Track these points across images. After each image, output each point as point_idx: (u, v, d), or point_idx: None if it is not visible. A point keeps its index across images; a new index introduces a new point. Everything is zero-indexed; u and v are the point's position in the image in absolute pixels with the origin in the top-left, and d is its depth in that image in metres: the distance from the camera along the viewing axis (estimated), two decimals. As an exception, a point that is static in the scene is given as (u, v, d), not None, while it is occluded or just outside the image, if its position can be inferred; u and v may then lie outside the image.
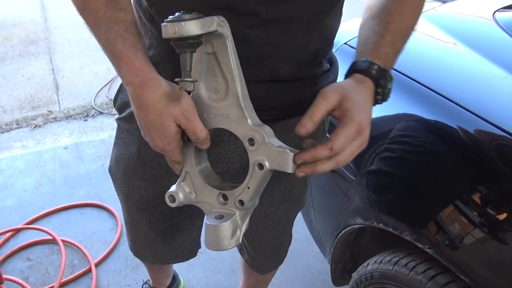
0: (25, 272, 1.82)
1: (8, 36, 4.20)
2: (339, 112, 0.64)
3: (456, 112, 0.95)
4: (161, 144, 0.64)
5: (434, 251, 0.91)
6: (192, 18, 0.56)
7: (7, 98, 3.18)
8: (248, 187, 0.65)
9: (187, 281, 1.78)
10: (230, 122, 0.64)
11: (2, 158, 2.51)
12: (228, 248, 0.66)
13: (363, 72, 0.68)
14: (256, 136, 0.63)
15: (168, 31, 0.56)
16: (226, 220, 0.66)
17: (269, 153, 0.62)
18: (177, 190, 0.71)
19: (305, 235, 1.67)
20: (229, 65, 0.61)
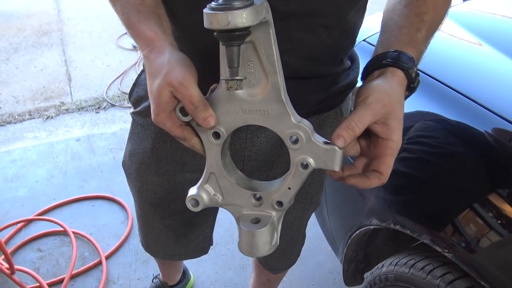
0: (36, 263, 1.83)
1: (22, 26, 4.22)
2: (383, 130, 0.58)
3: (478, 113, 0.92)
4: (153, 115, 0.58)
5: (453, 255, 0.89)
6: (244, 6, 0.47)
7: (20, 89, 3.19)
8: (289, 188, 0.60)
9: (197, 277, 1.77)
10: (269, 119, 0.57)
11: (14, 149, 2.52)
12: (264, 255, 0.62)
13: (405, 71, 0.62)
14: (301, 134, 0.56)
15: (219, 21, 0.47)
16: (264, 225, 0.61)
17: (315, 151, 0.57)
18: (199, 193, 0.64)
19: (316, 233, 1.65)
20: (271, 55, 0.54)
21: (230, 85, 0.53)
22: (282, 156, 0.88)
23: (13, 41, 3.92)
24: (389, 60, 0.62)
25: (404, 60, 0.62)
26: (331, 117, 0.87)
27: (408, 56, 0.62)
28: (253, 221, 0.62)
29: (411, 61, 0.62)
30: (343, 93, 0.85)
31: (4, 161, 2.42)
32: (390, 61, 0.62)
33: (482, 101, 0.94)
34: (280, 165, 0.89)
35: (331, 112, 0.87)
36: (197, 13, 0.69)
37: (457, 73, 1.08)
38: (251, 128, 0.83)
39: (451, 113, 0.97)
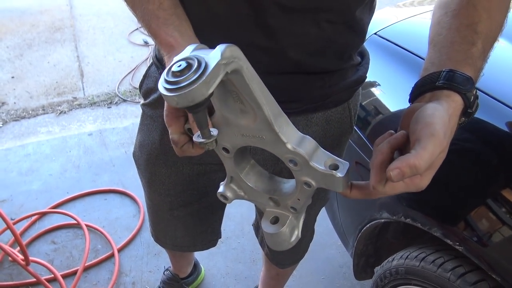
0: (50, 255, 1.86)
1: (35, 23, 4.26)
2: None
3: (492, 107, 0.91)
4: (164, 113, 0.59)
5: (464, 248, 0.88)
6: (191, 82, 0.44)
7: (33, 84, 3.24)
8: (298, 199, 0.61)
9: (207, 270, 1.79)
10: (266, 144, 0.57)
11: (28, 143, 2.56)
12: (289, 247, 0.65)
13: (462, 94, 0.54)
14: (297, 159, 0.55)
15: (169, 102, 0.46)
16: (282, 225, 0.63)
17: (314, 175, 0.56)
18: (224, 191, 0.67)
19: (326, 227, 1.66)
20: (250, 94, 0.50)
21: (202, 146, 0.56)
22: None
23: (26, 37, 3.97)
24: (442, 82, 0.55)
25: (460, 82, 0.54)
26: (339, 112, 0.86)
27: (466, 77, 0.55)
28: (272, 221, 0.64)
29: (469, 82, 0.54)
30: (351, 88, 0.84)
31: (18, 155, 2.46)
32: (444, 83, 0.55)
33: (496, 94, 0.93)
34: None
35: (339, 108, 0.85)
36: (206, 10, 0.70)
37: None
38: None
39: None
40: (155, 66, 0.88)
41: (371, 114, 1.21)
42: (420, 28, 1.32)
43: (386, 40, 1.25)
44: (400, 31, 1.29)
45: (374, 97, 1.22)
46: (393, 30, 1.28)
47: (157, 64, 0.86)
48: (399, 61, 1.19)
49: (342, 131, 0.89)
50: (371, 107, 1.21)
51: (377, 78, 1.22)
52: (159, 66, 0.85)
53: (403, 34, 1.27)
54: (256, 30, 0.68)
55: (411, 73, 1.14)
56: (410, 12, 1.45)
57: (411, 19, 1.37)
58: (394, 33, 1.26)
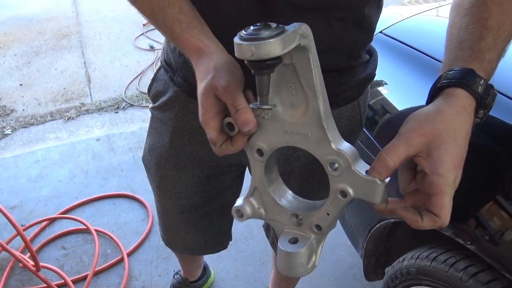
0: (60, 260, 1.87)
1: (42, 30, 4.31)
2: (427, 163, 0.51)
3: (503, 104, 0.90)
4: (200, 115, 0.57)
5: (476, 247, 0.87)
6: (271, 36, 0.46)
7: (41, 91, 3.26)
8: (328, 214, 0.57)
9: (217, 273, 1.79)
10: (309, 142, 0.55)
11: (37, 149, 2.58)
12: (303, 275, 0.60)
13: (465, 87, 0.54)
14: (340, 161, 0.54)
15: (243, 52, 0.47)
16: (302, 246, 0.58)
17: (354, 181, 0.54)
18: (243, 205, 0.63)
19: (335, 228, 1.63)
20: (310, 80, 0.51)
21: (257, 113, 0.54)
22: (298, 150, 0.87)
23: (34, 44, 4.01)
24: (444, 82, 0.56)
25: (461, 76, 0.55)
26: (349, 110, 0.86)
27: (467, 69, 0.55)
28: (291, 241, 0.60)
29: (471, 74, 0.55)
30: (361, 86, 0.85)
31: (27, 161, 2.48)
32: (445, 82, 0.56)
33: (506, 91, 0.92)
34: (298, 158, 0.89)
35: (349, 106, 0.86)
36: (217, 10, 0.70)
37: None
38: None
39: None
40: (164, 70, 0.88)
41: (378, 114, 1.20)
42: (426, 26, 1.31)
43: (392, 38, 1.24)
44: (406, 29, 1.28)
45: (381, 96, 1.21)
46: (398, 28, 1.28)
47: (166, 68, 0.86)
48: (405, 59, 1.18)
49: (353, 128, 0.89)
50: (378, 106, 1.20)
51: (384, 77, 1.21)
52: (167, 69, 0.86)
53: (409, 32, 1.26)
54: None
55: (417, 71, 1.13)
56: (415, 9, 1.44)
57: (416, 16, 1.36)
58: (400, 31, 1.25)
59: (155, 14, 0.64)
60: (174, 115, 0.87)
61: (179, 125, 0.87)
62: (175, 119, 0.87)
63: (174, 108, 0.86)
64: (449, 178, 0.50)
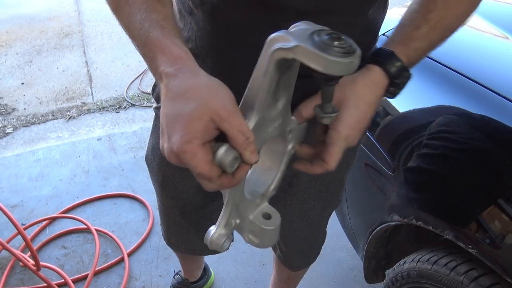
0: (60, 260, 1.87)
1: (44, 29, 4.31)
2: None
3: (503, 107, 0.90)
4: (181, 142, 0.47)
5: (477, 251, 0.87)
6: (353, 51, 0.49)
7: (43, 90, 3.26)
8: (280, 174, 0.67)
9: (217, 273, 1.79)
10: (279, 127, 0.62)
11: (38, 149, 2.58)
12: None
13: (382, 65, 0.64)
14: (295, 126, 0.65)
15: (340, 69, 0.47)
16: (277, 217, 0.65)
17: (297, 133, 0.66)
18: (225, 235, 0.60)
19: (336, 230, 1.64)
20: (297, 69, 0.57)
21: (324, 121, 0.59)
22: None
23: (35, 43, 4.01)
24: (370, 58, 0.66)
25: (381, 55, 0.64)
26: None
27: (388, 51, 0.64)
28: (266, 216, 0.65)
29: (389, 55, 0.63)
30: None
31: (28, 160, 2.48)
32: (369, 58, 0.65)
33: (507, 94, 0.92)
34: None
35: None
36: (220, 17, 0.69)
37: (481, 66, 1.06)
38: None
39: (475, 106, 0.95)
40: None
41: (379, 115, 1.20)
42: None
43: (394, 41, 1.24)
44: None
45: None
46: (401, 31, 1.27)
47: None
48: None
49: None
50: (379, 108, 1.20)
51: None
52: None
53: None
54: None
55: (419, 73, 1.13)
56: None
57: (419, 19, 1.35)
58: (402, 34, 1.25)
59: (133, 15, 0.59)
60: None
61: None
62: None
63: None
64: (342, 133, 0.62)
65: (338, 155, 0.63)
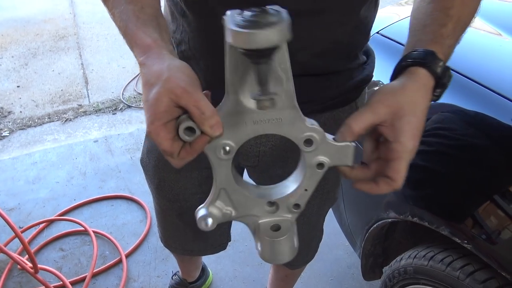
0: (58, 262, 1.87)
1: (39, 32, 4.30)
2: (390, 132, 0.56)
3: (497, 103, 0.91)
4: (147, 124, 0.52)
5: (473, 246, 0.88)
6: (267, 24, 0.45)
7: (39, 93, 3.26)
8: (306, 189, 0.60)
9: (215, 273, 1.79)
10: (282, 126, 0.56)
11: (35, 151, 2.58)
12: (290, 259, 0.61)
13: (427, 66, 0.58)
14: (314, 135, 0.56)
15: (243, 41, 0.45)
16: (286, 231, 0.59)
17: (329, 150, 0.57)
18: (208, 213, 0.60)
19: (333, 228, 1.65)
20: (285, 63, 0.52)
21: (264, 104, 0.51)
22: (296, 150, 0.88)
23: (31, 46, 4.00)
24: (408, 61, 0.60)
25: (423, 57, 0.59)
26: (346, 111, 0.86)
27: (429, 51, 0.59)
28: (273, 228, 0.60)
29: (432, 55, 0.59)
30: (358, 88, 0.85)
31: (25, 163, 2.47)
32: (409, 61, 0.60)
33: (501, 90, 0.92)
34: (295, 160, 0.89)
35: (347, 107, 0.86)
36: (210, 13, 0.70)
37: (475, 63, 1.07)
38: None
39: (470, 103, 0.96)
40: None
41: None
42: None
43: (389, 39, 1.24)
44: (403, 29, 1.29)
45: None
46: (395, 29, 1.28)
47: None
48: (402, 59, 1.19)
49: None
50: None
51: (381, 77, 1.22)
52: None
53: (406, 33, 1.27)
54: None
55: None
56: (412, 10, 1.44)
57: (413, 17, 1.36)
58: (397, 32, 1.26)
59: (115, 7, 0.62)
60: None
61: None
62: None
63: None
64: (408, 145, 0.55)
65: (405, 170, 0.56)
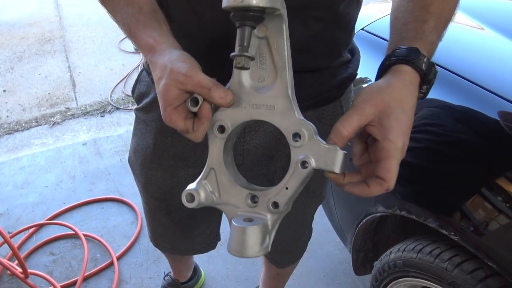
0: (49, 267, 1.85)
1: (25, 35, 4.25)
2: (378, 131, 0.55)
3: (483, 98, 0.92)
4: (162, 113, 0.58)
5: (460, 238, 0.89)
6: None
7: (25, 97, 3.22)
8: (287, 188, 0.58)
9: (207, 273, 1.79)
10: (274, 114, 0.57)
11: (23, 156, 2.55)
12: (254, 256, 0.57)
13: (411, 63, 0.58)
14: (303, 131, 0.56)
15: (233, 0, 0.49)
16: (257, 223, 0.57)
17: (316, 150, 0.56)
18: (197, 188, 0.62)
19: (324, 225, 1.66)
20: (283, 51, 0.55)
21: (238, 61, 0.53)
22: (281, 149, 0.88)
23: (16, 50, 3.96)
24: (392, 59, 0.60)
25: (406, 54, 0.59)
26: (330, 110, 0.86)
27: (412, 48, 0.60)
28: (246, 220, 0.59)
29: (416, 52, 0.59)
30: (342, 86, 0.85)
31: (13, 168, 2.45)
32: (393, 60, 0.60)
33: (486, 85, 0.94)
34: (280, 159, 0.90)
35: (330, 105, 0.86)
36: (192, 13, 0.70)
37: (459, 58, 1.08)
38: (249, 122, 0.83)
39: (456, 98, 0.97)
40: (146, 72, 0.88)
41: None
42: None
43: (374, 35, 1.25)
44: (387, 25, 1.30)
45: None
46: (380, 25, 1.29)
47: (148, 70, 0.86)
48: (387, 55, 1.20)
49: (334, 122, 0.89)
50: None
51: (367, 73, 1.23)
52: (149, 72, 0.86)
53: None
54: None
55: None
56: (396, 6, 1.46)
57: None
58: (382, 28, 1.27)
59: (116, 12, 0.66)
60: (157, 117, 0.86)
61: (162, 126, 0.87)
62: (158, 120, 0.87)
63: (157, 109, 0.85)
64: (398, 143, 0.54)
65: (396, 169, 0.54)
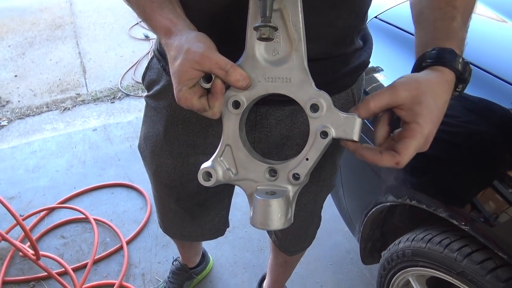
0: (60, 249, 1.88)
1: (36, 21, 4.27)
2: (408, 114, 0.57)
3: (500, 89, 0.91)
4: (176, 93, 0.58)
5: (471, 228, 0.89)
6: None
7: (36, 82, 3.25)
8: (307, 159, 0.59)
9: (215, 259, 1.81)
10: (291, 86, 0.58)
11: (34, 140, 2.58)
12: (279, 228, 0.58)
13: (447, 64, 0.59)
14: (321, 101, 0.57)
15: None
16: (281, 196, 0.58)
17: (334, 120, 0.57)
18: (213, 165, 0.61)
19: (332, 214, 1.66)
20: (297, 23, 0.56)
21: (263, 32, 0.53)
22: (292, 138, 0.88)
23: (28, 35, 3.98)
24: (428, 61, 0.61)
25: (444, 56, 0.60)
26: (342, 98, 0.85)
27: (448, 50, 0.60)
28: (269, 193, 0.60)
29: (452, 54, 0.60)
30: (354, 74, 0.84)
31: (24, 152, 2.48)
32: (430, 62, 0.61)
33: (504, 76, 0.92)
34: (291, 147, 0.90)
35: (342, 94, 0.85)
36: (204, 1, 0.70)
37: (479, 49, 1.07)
38: (260, 111, 0.83)
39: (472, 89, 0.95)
40: (156, 59, 0.88)
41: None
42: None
43: (387, 24, 1.24)
44: (401, 13, 1.28)
45: (377, 82, 1.21)
46: (394, 13, 1.28)
47: (158, 57, 0.86)
48: (401, 44, 1.19)
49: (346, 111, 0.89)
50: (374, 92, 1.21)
51: (380, 62, 1.22)
52: (160, 59, 0.86)
53: (405, 17, 1.26)
54: None
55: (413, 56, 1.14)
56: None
57: (412, 1, 1.35)
58: (395, 16, 1.26)
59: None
60: (168, 104, 0.87)
61: (172, 114, 0.87)
62: (168, 107, 0.87)
63: (167, 97, 0.86)
64: (425, 128, 0.56)
65: (414, 151, 0.56)
